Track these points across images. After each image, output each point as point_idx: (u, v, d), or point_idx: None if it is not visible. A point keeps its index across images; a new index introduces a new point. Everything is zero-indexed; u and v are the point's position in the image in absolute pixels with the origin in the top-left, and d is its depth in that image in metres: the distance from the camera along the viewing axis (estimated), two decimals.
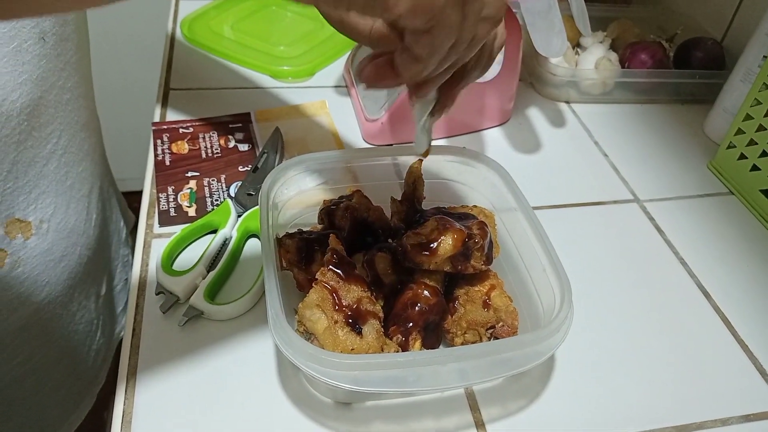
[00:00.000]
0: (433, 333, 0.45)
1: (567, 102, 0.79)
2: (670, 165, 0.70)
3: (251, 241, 0.55)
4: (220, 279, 0.50)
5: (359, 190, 0.50)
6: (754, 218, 0.64)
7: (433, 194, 0.52)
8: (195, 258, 0.51)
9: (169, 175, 0.60)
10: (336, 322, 0.40)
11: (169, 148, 0.63)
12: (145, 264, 0.52)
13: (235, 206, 0.55)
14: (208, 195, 0.58)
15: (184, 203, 0.57)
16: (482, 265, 0.45)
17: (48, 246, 0.51)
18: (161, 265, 0.50)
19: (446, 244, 0.43)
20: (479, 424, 0.43)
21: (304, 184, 0.51)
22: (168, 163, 0.61)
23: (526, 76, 0.81)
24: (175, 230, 0.54)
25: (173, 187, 0.59)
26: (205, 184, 0.59)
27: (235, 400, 0.43)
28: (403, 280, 0.46)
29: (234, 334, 0.47)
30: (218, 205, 0.57)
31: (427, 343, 0.44)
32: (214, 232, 0.54)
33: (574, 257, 0.55)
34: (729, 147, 0.68)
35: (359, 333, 0.41)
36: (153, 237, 0.54)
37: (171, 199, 0.57)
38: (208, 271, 0.50)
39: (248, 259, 0.53)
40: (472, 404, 0.45)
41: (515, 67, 0.69)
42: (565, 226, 0.60)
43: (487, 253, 0.45)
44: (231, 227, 0.54)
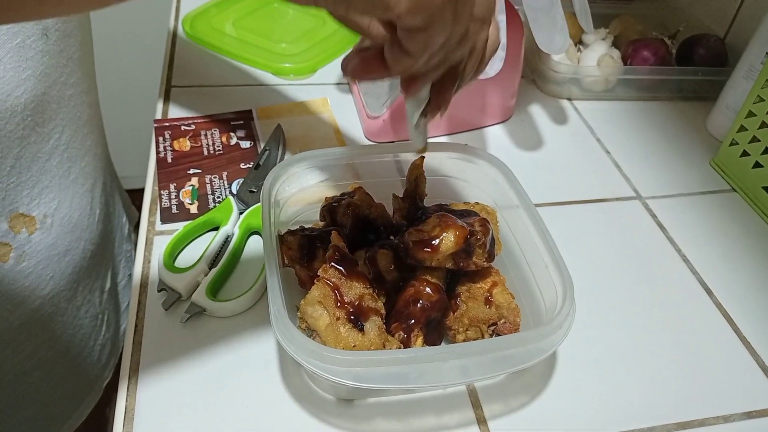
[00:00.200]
0: (435, 330, 0.45)
1: (569, 99, 0.79)
2: (672, 162, 0.70)
3: (253, 238, 0.55)
4: (222, 276, 0.50)
5: (361, 187, 0.50)
6: (756, 215, 0.64)
7: (435, 191, 0.52)
8: (197, 255, 0.51)
9: (171, 173, 0.60)
10: (338, 318, 0.40)
11: (171, 146, 0.63)
12: (147, 261, 0.52)
13: (237, 203, 0.55)
14: (210, 192, 0.58)
15: (186, 200, 0.57)
16: (484, 262, 0.45)
17: (52, 240, 0.51)
18: (163, 262, 0.50)
19: (448, 240, 0.43)
20: (481, 421, 0.43)
21: (306, 181, 0.51)
22: (170, 160, 0.61)
23: (528, 73, 0.81)
24: (177, 227, 0.54)
25: (175, 185, 0.59)
26: (207, 181, 0.59)
27: (237, 396, 0.43)
28: (405, 277, 0.46)
29: (236, 330, 0.47)
30: (220, 202, 0.57)
31: (429, 340, 0.44)
32: (216, 229, 0.54)
33: (576, 254, 0.55)
34: (731, 144, 0.68)
35: (361, 330, 0.41)
36: (155, 234, 0.54)
37: (173, 197, 0.57)
38: (210, 268, 0.50)
39: (250, 256, 0.53)
40: (474, 401, 0.45)
41: (517, 64, 0.69)
42: (567, 224, 0.60)
43: (489, 250, 0.45)
44: (233, 224, 0.54)
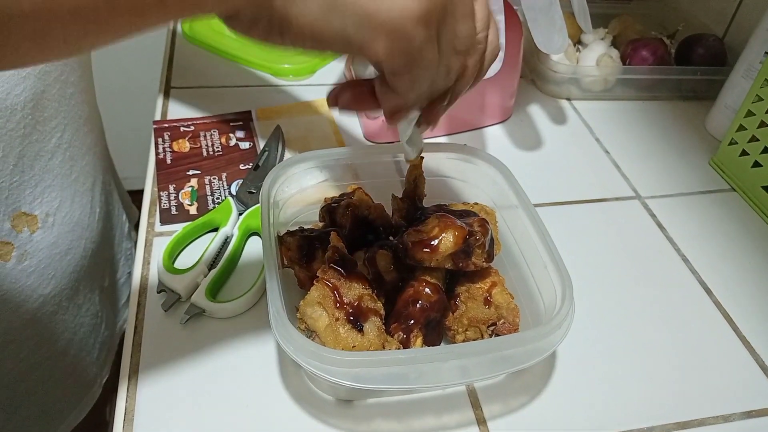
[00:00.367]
0: (435, 330, 0.45)
1: (568, 99, 0.79)
2: (671, 162, 0.70)
3: (252, 239, 0.55)
4: (222, 277, 0.50)
5: (360, 188, 0.50)
6: (755, 215, 0.64)
7: (434, 191, 0.52)
8: (196, 256, 0.51)
9: (170, 174, 0.60)
10: (337, 319, 0.40)
11: (171, 147, 0.63)
12: (146, 262, 0.52)
13: (236, 204, 0.55)
14: (210, 193, 0.58)
15: (186, 201, 0.57)
16: (483, 262, 0.45)
17: (54, 239, 0.52)
18: (163, 264, 0.50)
19: (447, 241, 0.43)
20: (481, 421, 0.43)
21: (305, 182, 0.51)
22: (169, 161, 0.61)
23: (527, 73, 0.81)
24: (176, 228, 0.54)
25: (174, 186, 0.59)
26: (207, 182, 0.59)
27: (236, 397, 0.43)
28: (405, 277, 0.46)
29: (235, 332, 0.47)
30: (219, 203, 0.57)
31: (429, 341, 0.44)
32: (216, 230, 0.54)
33: (575, 254, 0.55)
34: (731, 143, 0.68)
35: (360, 330, 0.41)
36: (154, 235, 0.54)
37: (172, 198, 0.57)
38: (210, 270, 0.50)
39: (249, 257, 0.53)
40: (474, 401, 0.45)
41: (516, 64, 0.69)
42: (566, 223, 0.60)
43: (488, 250, 0.45)
44: (232, 225, 0.54)
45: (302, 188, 0.52)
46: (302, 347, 0.37)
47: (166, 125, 0.66)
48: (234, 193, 0.58)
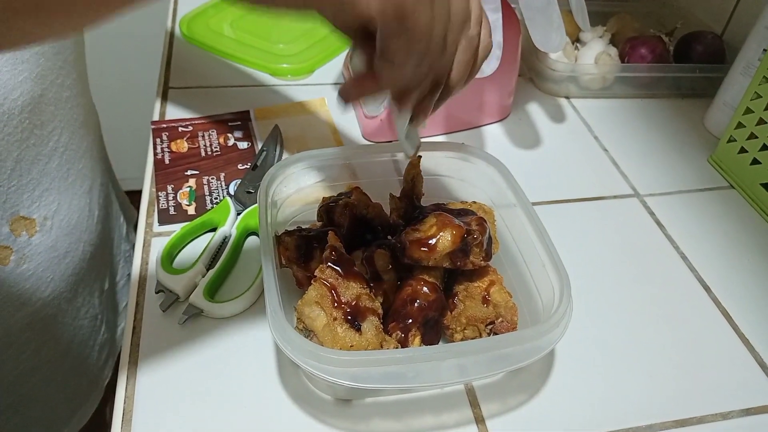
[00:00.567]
0: (433, 329, 0.45)
1: (567, 97, 0.79)
2: (670, 159, 0.70)
3: (251, 238, 0.55)
4: (220, 277, 0.50)
5: (358, 187, 0.50)
6: (754, 212, 0.64)
7: (432, 190, 0.52)
8: (194, 256, 0.51)
9: (168, 174, 0.60)
10: (335, 318, 0.40)
11: (169, 147, 0.63)
12: (144, 262, 0.52)
13: (234, 204, 0.55)
14: (208, 193, 0.58)
15: (184, 201, 0.57)
16: (481, 261, 0.45)
17: (52, 243, 0.52)
18: (161, 264, 0.50)
19: (445, 240, 0.43)
20: (479, 420, 0.43)
21: (303, 182, 0.51)
22: (167, 161, 0.61)
23: (525, 71, 0.81)
24: (174, 228, 0.54)
25: (173, 186, 0.59)
26: (205, 182, 0.59)
27: (234, 397, 0.43)
28: (403, 276, 0.46)
29: (233, 331, 0.47)
30: (218, 203, 0.57)
31: (427, 340, 0.44)
32: (214, 230, 0.54)
33: (574, 252, 0.55)
34: (729, 141, 0.68)
35: (358, 330, 0.41)
36: (153, 235, 0.54)
37: (170, 198, 0.57)
38: (208, 269, 0.50)
39: (248, 256, 0.53)
40: (472, 400, 0.45)
41: (514, 63, 0.69)
42: (565, 222, 0.60)
43: (486, 249, 0.45)
44: (230, 225, 0.54)
45: (300, 188, 0.52)
46: (300, 347, 0.37)
47: (164, 125, 0.66)
48: (232, 193, 0.58)
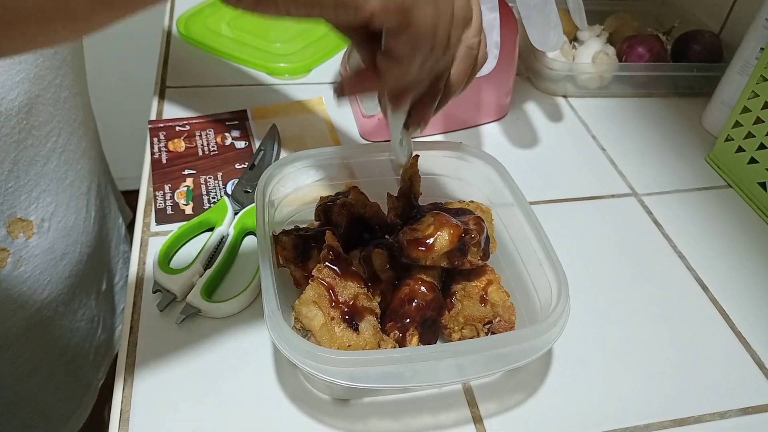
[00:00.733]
0: (431, 329, 0.45)
1: (564, 96, 0.79)
2: (667, 158, 0.70)
3: (248, 238, 0.55)
4: (217, 277, 0.50)
5: (356, 187, 0.50)
6: (752, 211, 0.64)
7: (429, 190, 0.52)
8: (192, 256, 0.51)
9: (165, 173, 0.60)
10: (332, 318, 0.40)
11: (166, 146, 0.63)
12: (142, 262, 0.52)
13: (231, 204, 0.55)
14: (205, 193, 0.58)
15: (181, 201, 0.57)
16: (479, 260, 0.45)
17: (49, 245, 0.51)
18: (158, 264, 0.49)
19: (443, 239, 0.43)
20: (477, 420, 0.43)
21: (301, 181, 0.51)
22: (165, 161, 0.61)
23: (522, 70, 0.81)
24: (172, 228, 0.54)
25: (170, 185, 0.58)
26: (202, 181, 0.59)
27: (232, 397, 0.43)
28: (400, 276, 0.46)
29: (231, 331, 0.47)
30: (215, 202, 0.57)
31: (425, 339, 0.44)
32: (211, 229, 0.54)
33: (571, 252, 0.55)
34: (727, 140, 0.68)
35: (356, 329, 0.41)
36: (150, 235, 0.54)
37: (168, 197, 0.57)
38: (205, 269, 0.50)
39: (245, 256, 0.53)
40: (470, 400, 0.45)
41: (512, 62, 0.69)
42: (562, 221, 0.60)
43: (484, 248, 0.45)
44: (228, 225, 0.54)
45: (298, 187, 0.51)
46: (298, 346, 0.37)
47: (162, 125, 0.66)
48: (230, 192, 0.58)
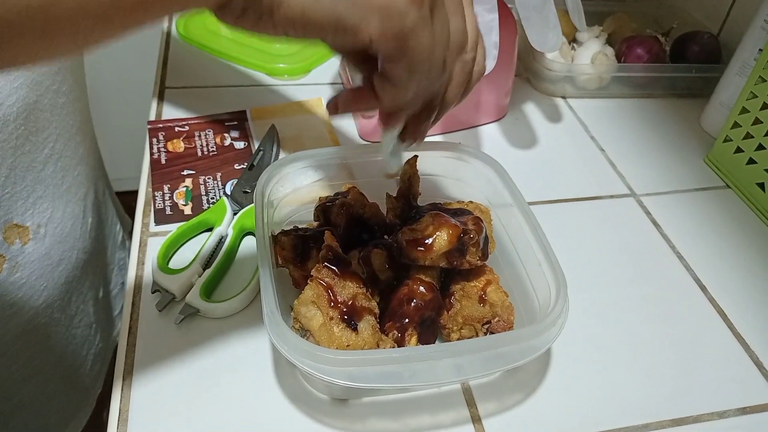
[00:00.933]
0: (429, 329, 0.45)
1: (563, 97, 0.79)
2: (666, 159, 0.70)
3: (247, 238, 0.55)
4: (216, 277, 0.50)
5: (355, 187, 0.50)
6: (750, 211, 0.64)
7: (428, 190, 0.52)
8: (191, 256, 0.51)
9: (164, 174, 0.60)
10: (331, 318, 0.40)
11: (165, 147, 0.63)
12: (141, 262, 0.52)
13: (231, 204, 0.55)
14: (204, 193, 0.58)
15: (180, 201, 0.57)
16: (478, 260, 0.45)
17: (45, 251, 0.51)
18: (157, 264, 0.49)
19: (441, 239, 0.43)
20: (476, 420, 0.44)
21: (300, 182, 0.51)
22: (164, 161, 0.61)
23: (522, 71, 0.81)
24: (171, 228, 0.54)
25: (169, 186, 0.59)
26: (201, 182, 0.59)
27: (231, 397, 0.43)
28: (399, 276, 0.46)
29: (230, 331, 0.47)
30: (214, 203, 0.57)
31: (424, 339, 0.44)
32: (210, 230, 0.54)
33: (570, 252, 0.55)
34: (725, 141, 0.68)
35: (355, 329, 0.41)
36: (149, 235, 0.54)
37: (167, 198, 0.57)
38: (204, 269, 0.50)
39: (244, 256, 0.53)
40: (469, 399, 0.45)
41: (511, 63, 0.69)
42: (561, 221, 0.60)
43: (483, 248, 0.45)
44: (227, 225, 0.54)
45: (297, 187, 0.51)
46: (296, 346, 0.37)
47: (161, 125, 0.66)
48: (229, 192, 0.58)
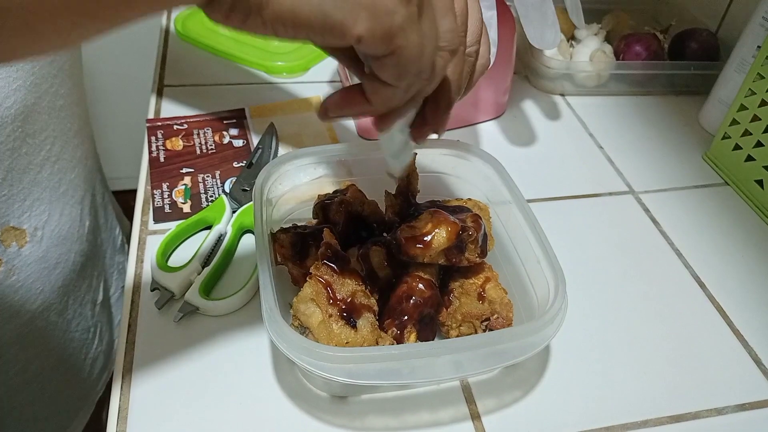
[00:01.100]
0: (429, 326, 0.45)
1: (562, 94, 0.79)
2: (665, 156, 0.70)
3: (246, 236, 0.55)
4: (215, 275, 0.50)
5: (354, 185, 0.50)
6: (749, 208, 0.64)
7: (427, 188, 0.52)
8: (190, 254, 0.51)
9: (163, 172, 0.60)
10: (330, 315, 0.40)
11: (164, 145, 0.63)
12: (140, 261, 0.52)
13: (229, 202, 0.55)
14: (203, 191, 0.58)
15: (179, 199, 0.57)
16: (477, 257, 0.45)
17: (42, 253, 0.51)
18: (156, 262, 0.49)
19: (440, 236, 0.43)
20: (475, 416, 0.44)
21: (299, 179, 0.51)
22: (162, 159, 0.61)
23: (520, 68, 0.81)
24: (169, 227, 0.54)
25: (168, 184, 0.58)
26: (200, 180, 0.59)
27: (230, 394, 0.43)
28: (398, 273, 0.46)
29: (229, 329, 0.47)
30: (213, 201, 0.57)
31: (423, 336, 0.44)
32: (209, 228, 0.54)
33: (569, 249, 0.56)
34: (724, 138, 0.68)
35: (354, 326, 0.41)
36: (148, 234, 0.54)
37: (166, 196, 0.57)
38: (203, 267, 0.50)
39: (243, 254, 0.53)
40: (468, 396, 0.45)
41: (509, 60, 0.69)
42: (560, 219, 0.60)
43: (482, 245, 0.45)
44: (226, 223, 0.54)
45: (295, 185, 0.52)
46: (295, 344, 0.37)
47: (159, 123, 0.66)
48: (227, 190, 0.58)
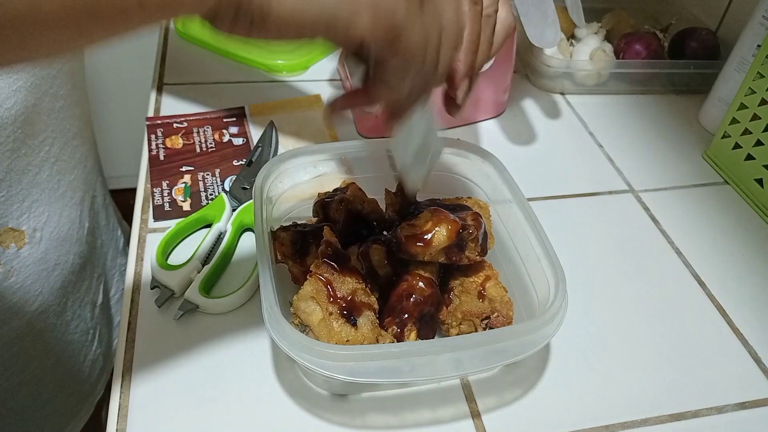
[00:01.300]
0: (429, 324, 0.45)
1: (562, 93, 0.79)
2: (665, 155, 0.70)
3: (246, 234, 0.55)
4: (215, 273, 0.50)
5: (354, 183, 0.50)
6: (749, 207, 0.64)
7: (427, 186, 0.52)
8: (190, 252, 0.51)
9: (163, 170, 0.60)
10: (331, 313, 0.40)
11: (164, 143, 0.63)
12: (140, 259, 0.52)
13: (229, 200, 0.55)
14: (203, 189, 0.58)
15: (179, 198, 0.57)
16: (477, 256, 0.45)
17: (41, 255, 0.51)
18: (156, 260, 0.49)
19: (440, 235, 0.43)
20: (475, 415, 0.44)
21: (299, 177, 0.51)
22: (162, 157, 0.61)
23: (520, 67, 0.81)
24: (169, 225, 0.54)
25: (168, 182, 0.58)
26: (200, 178, 0.59)
27: (230, 393, 0.43)
28: (398, 271, 0.46)
29: (229, 327, 0.47)
30: (213, 199, 0.57)
31: (423, 335, 0.44)
32: (209, 226, 0.54)
33: (569, 248, 0.56)
34: (724, 136, 0.68)
35: (354, 324, 0.41)
36: (148, 232, 0.54)
37: (165, 194, 0.57)
38: (203, 265, 0.50)
39: (243, 252, 0.53)
40: (468, 394, 0.45)
41: (509, 59, 0.69)
42: (560, 217, 0.60)
43: (482, 244, 0.45)
44: (226, 221, 0.54)
45: (295, 183, 0.51)
46: (296, 342, 0.37)
47: (159, 122, 0.65)
48: (227, 189, 0.58)
